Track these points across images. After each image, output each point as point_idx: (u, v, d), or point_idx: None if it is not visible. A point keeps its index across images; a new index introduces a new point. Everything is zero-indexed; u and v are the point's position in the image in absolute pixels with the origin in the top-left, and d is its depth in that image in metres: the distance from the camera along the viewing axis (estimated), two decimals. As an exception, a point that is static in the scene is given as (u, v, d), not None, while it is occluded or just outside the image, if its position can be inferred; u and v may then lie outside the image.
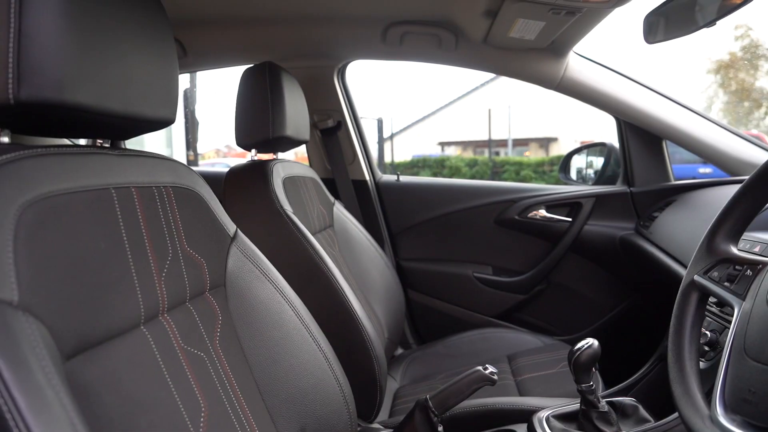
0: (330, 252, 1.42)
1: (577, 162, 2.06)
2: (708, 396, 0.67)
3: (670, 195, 1.66)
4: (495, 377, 0.97)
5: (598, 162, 2.01)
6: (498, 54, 1.62)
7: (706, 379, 0.81)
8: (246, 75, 1.30)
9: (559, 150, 16.93)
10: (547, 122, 17.04)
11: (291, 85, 1.32)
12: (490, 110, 15.84)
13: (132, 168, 0.69)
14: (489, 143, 16.46)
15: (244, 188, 1.26)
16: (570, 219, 1.83)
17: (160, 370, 0.64)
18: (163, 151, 9.58)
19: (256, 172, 1.26)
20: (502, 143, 17.14)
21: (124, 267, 0.62)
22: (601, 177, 1.94)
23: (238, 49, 1.75)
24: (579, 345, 0.94)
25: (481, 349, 1.63)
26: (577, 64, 1.62)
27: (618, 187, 1.81)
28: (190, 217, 0.77)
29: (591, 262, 1.85)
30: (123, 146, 0.76)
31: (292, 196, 1.31)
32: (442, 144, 19.04)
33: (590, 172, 2.08)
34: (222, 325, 0.80)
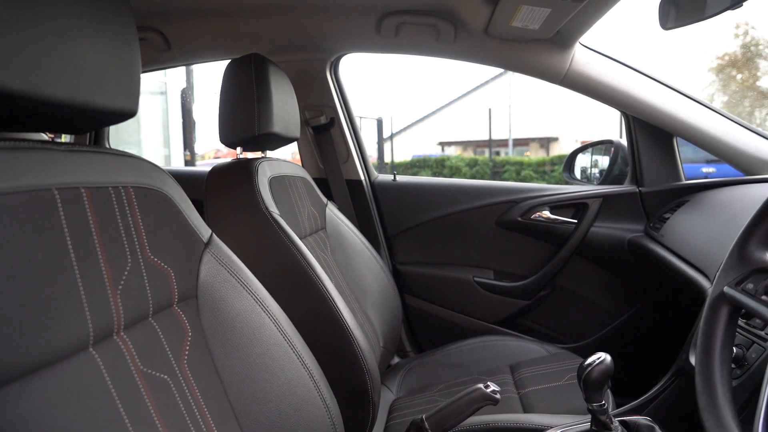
0: (321, 256, 1.35)
1: (583, 160, 1.97)
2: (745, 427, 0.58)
3: (682, 195, 1.59)
4: (497, 396, 0.89)
5: (605, 161, 1.93)
6: (500, 46, 1.53)
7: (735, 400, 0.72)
8: (230, 68, 1.23)
9: (559, 150, 16.94)
10: (548, 122, 17.04)
11: (279, 78, 1.25)
12: (490, 109, 15.82)
13: (82, 166, 0.61)
14: (489, 143, 16.42)
15: (226, 189, 1.18)
16: (575, 220, 1.76)
17: (111, 399, 0.56)
18: (160, 151, 9.54)
19: (240, 171, 1.18)
20: (503, 143, 17.14)
21: (67, 280, 0.54)
22: (607, 176, 1.86)
23: (225, 42, 1.68)
24: (590, 360, 0.87)
25: (482, 358, 1.56)
26: (583, 56, 1.54)
27: (626, 187, 1.73)
28: (156, 221, 0.69)
29: (597, 265, 1.78)
30: (105, 143, 0.68)
31: (280, 196, 1.23)
32: (442, 144, 19.06)
33: (595, 171, 1.99)
34: (192, 342, 0.71)
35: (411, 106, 32.93)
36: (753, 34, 14.17)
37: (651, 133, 1.65)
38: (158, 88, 9.47)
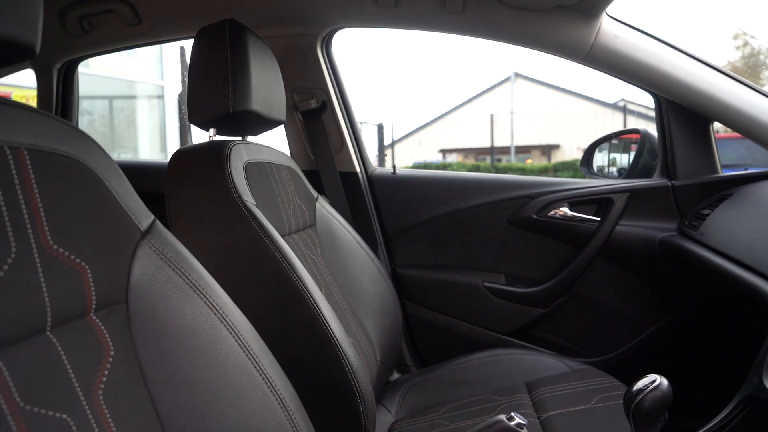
0: (309, 256, 1.18)
1: (604, 153, 1.80)
2: None
3: (723, 188, 1.42)
4: (524, 431, 0.70)
5: (628, 155, 1.76)
6: (515, 16, 1.35)
7: None
8: (201, 35, 1.08)
9: (561, 157, 16.97)
10: (550, 129, 17.10)
11: (259, 48, 1.10)
12: (492, 116, 15.85)
13: None
14: (491, 149, 16.44)
15: (191, 173, 1.02)
16: (598, 218, 1.59)
17: None
18: (157, 155, 9.44)
19: (209, 153, 1.02)
20: (504, 150, 17.22)
21: None
22: (633, 169, 1.69)
23: (201, 14, 1.51)
24: (640, 384, 0.73)
25: (494, 375, 1.39)
26: (611, 28, 1.36)
27: (656, 180, 1.56)
28: (65, 199, 0.51)
29: (624, 269, 1.61)
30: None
31: (258, 185, 1.06)
32: (444, 151, 19.17)
33: (613, 170, 1.82)
34: (114, 363, 0.52)
35: (412, 113, 33.18)
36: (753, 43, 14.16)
37: (685, 119, 1.48)
38: (155, 92, 9.42)
